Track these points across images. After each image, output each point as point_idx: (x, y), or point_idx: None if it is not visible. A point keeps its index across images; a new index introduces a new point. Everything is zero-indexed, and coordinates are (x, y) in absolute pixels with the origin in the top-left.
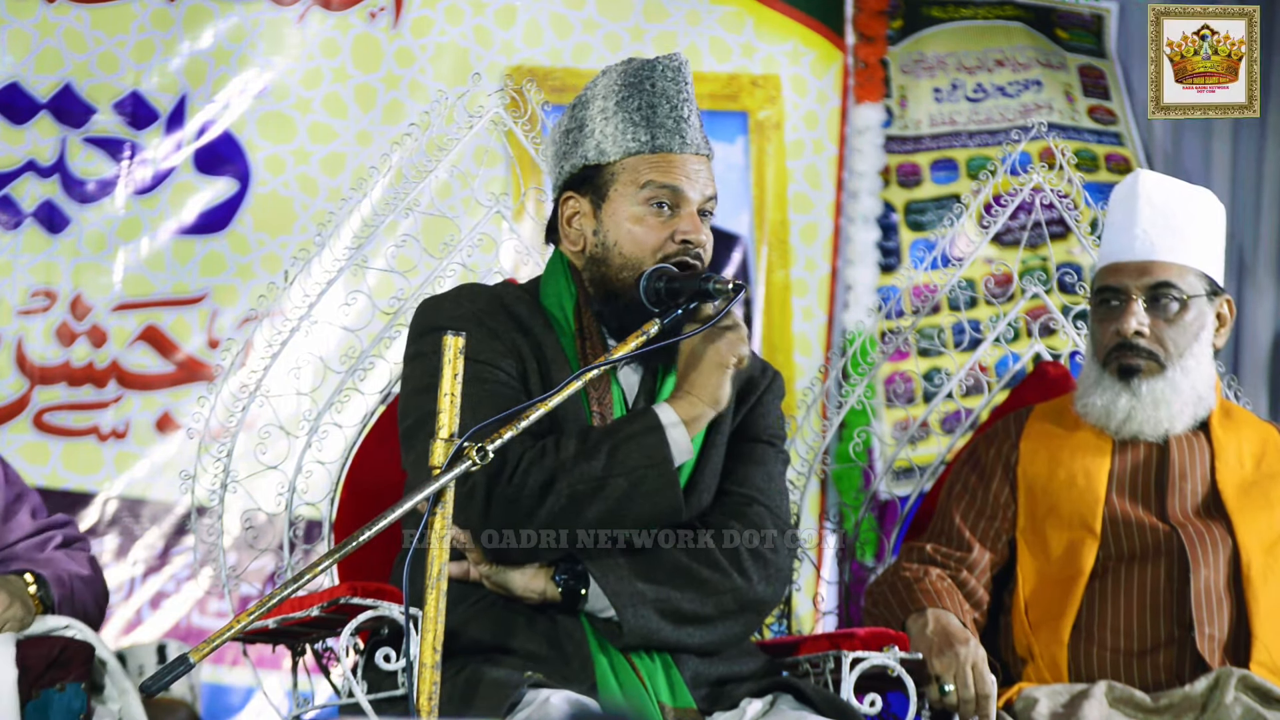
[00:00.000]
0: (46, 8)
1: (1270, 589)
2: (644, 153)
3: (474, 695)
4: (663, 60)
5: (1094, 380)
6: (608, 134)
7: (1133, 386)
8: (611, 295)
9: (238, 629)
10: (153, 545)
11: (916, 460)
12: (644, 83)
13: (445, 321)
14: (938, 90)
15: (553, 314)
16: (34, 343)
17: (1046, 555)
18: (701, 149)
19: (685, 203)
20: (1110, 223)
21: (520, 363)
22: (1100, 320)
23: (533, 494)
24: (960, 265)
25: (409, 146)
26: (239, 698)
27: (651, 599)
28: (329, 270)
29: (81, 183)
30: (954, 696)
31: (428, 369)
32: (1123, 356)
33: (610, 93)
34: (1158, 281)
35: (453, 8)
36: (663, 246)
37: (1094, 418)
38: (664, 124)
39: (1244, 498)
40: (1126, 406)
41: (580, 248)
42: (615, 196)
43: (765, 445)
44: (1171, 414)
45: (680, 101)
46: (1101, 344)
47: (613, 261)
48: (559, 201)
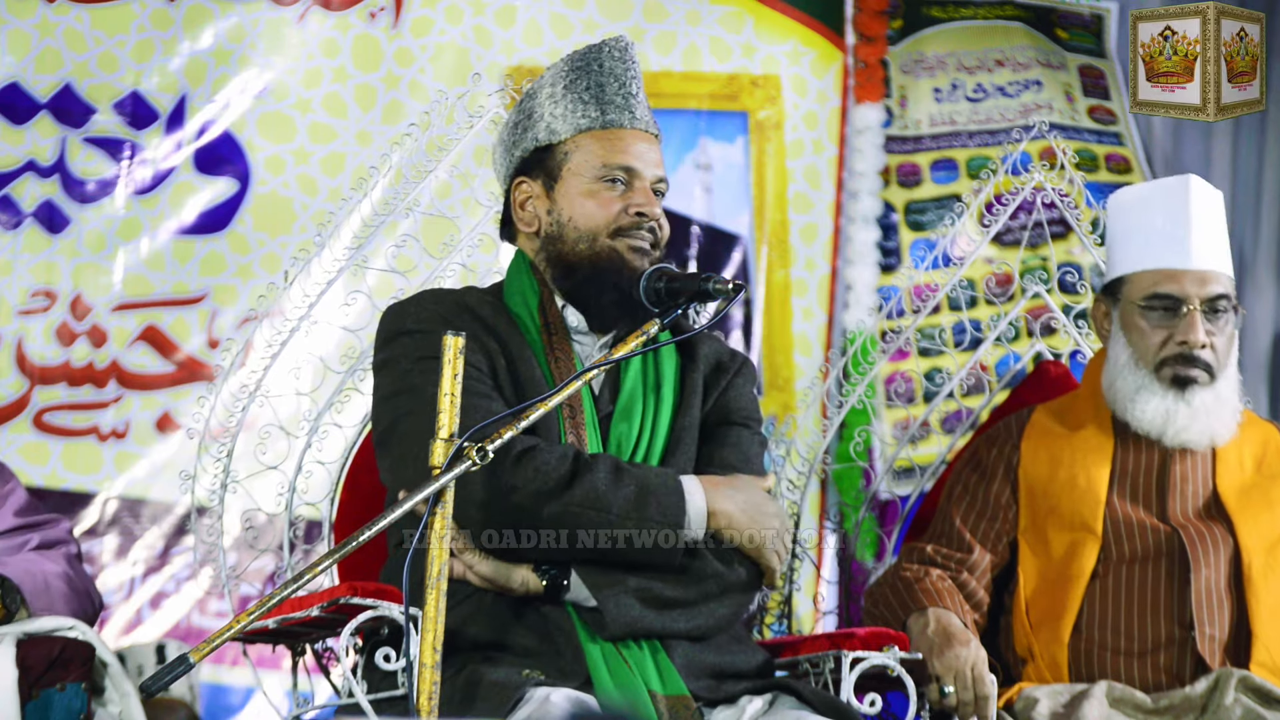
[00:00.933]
0: (46, 8)
1: (1271, 589)
2: (594, 129)
3: (475, 696)
4: (608, 42)
5: (1139, 386)
6: (558, 115)
7: (1187, 397)
8: (569, 270)
9: (238, 629)
10: (153, 545)
11: (917, 460)
12: (591, 65)
13: (411, 325)
14: (938, 90)
15: (517, 313)
16: (34, 343)
17: (1047, 556)
18: (650, 128)
19: (639, 178)
20: (1152, 227)
21: (489, 360)
22: (1154, 326)
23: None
24: (961, 265)
25: (409, 146)
26: (239, 698)
27: (632, 587)
28: (329, 270)
29: (81, 183)
30: (954, 698)
31: (396, 373)
32: (1181, 366)
33: (558, 79)
34: (1217, 293)
35: (453, 8)
36: (617, 219)
37: (1145, 426)
38: (613, 100)
39: (1244, 499)
40: (1186, 417)
41: (535, 229)
42: (568, 175)
43: (739, 427)
44: (1222, 425)
45: (628, 79)
46: (1153, 350)
47: (567, 237)
48: (510, 190)
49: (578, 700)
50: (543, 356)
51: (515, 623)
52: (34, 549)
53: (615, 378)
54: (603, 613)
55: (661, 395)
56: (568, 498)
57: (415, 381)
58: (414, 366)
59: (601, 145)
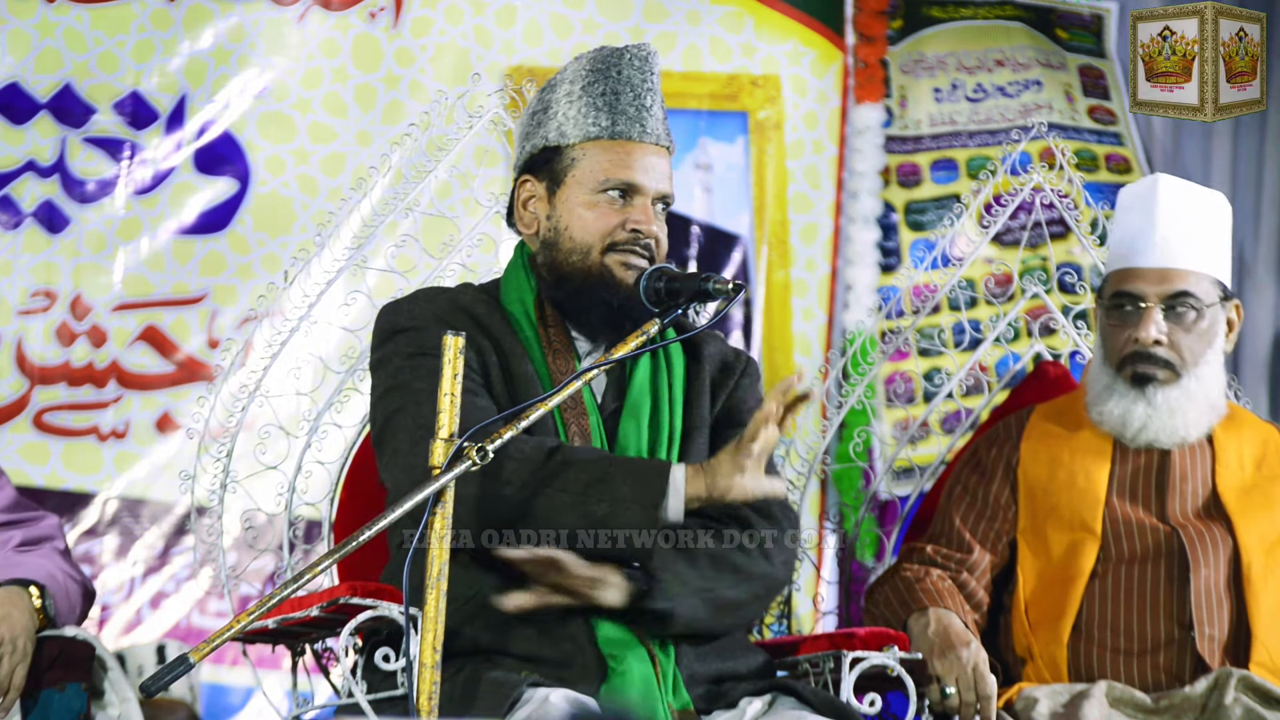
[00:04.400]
0: (46, 8)
1: (1271, 589)
2: (603, 138)
3: (474, 695)
4: (631, 49)
5: (1106, 386)
6: (569, 116)
7: (1148, 395)
8: (561, 280)
9: (238, 629)
10: (153, 545)
11: (916, 460)
12: (610, 69)
13: (404, 322)
14: (938, 90)
15: (512, 311)
16: (34, 343)
17: (1047, 556)
18: (662, 140)
19: (640, 193)
20: (1123, 225)
21: (481, 360)
22: (1115, 325)
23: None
24: (960, 265)
25: (409, 146)
26: (239, 698)
27: (697, 587)
28: (329, 270)
29: (81, 183)
30: (956, 698)
31: (389, 371)
32: (1139, 364)
33: (577, 77)
34: (1177, 290)
35: (453, 8)
36: (612, 233)
37: (1109, 425)
38: (625, 110)
39: (1244, 499)
40: (1143, 415)
41: (534, 231)
42: (571, 183)
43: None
44: (1187, 422)
45: (644, 90)
46: (1116, 350)
47: (562, 245)
48: (516, 184)
49: (576, 700)
50: (539, 353)
51: (519, 627)
52: (16, 546)
53: (621, 376)
54: (671, 613)
55: (672, 395)
56: (543, 473)
57: (406, 378)
58: (406, 364)
59: (607, 156)
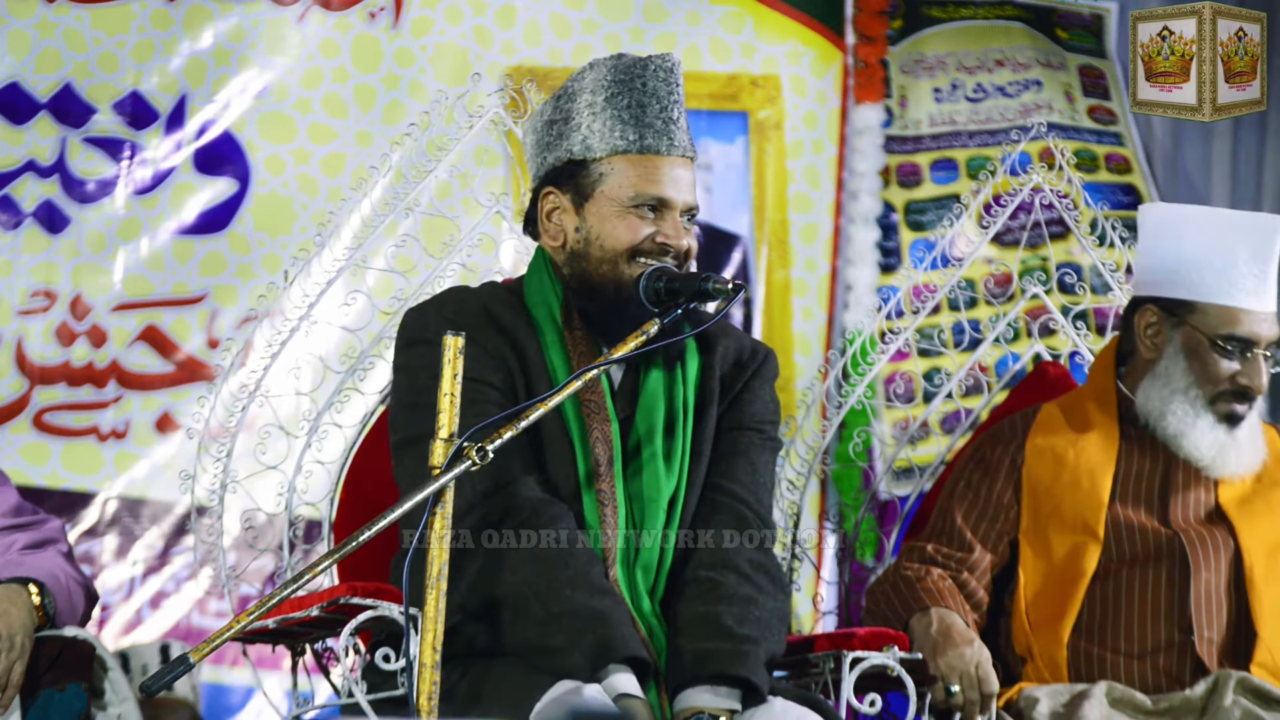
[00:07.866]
0: (46, 8)
1: (1274, 590)
2: (631, 152)
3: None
4: (655, 60)
5: (1191, 414)
6: (595, 130)
7: (1234, 432)
8: (592, 290)
9: (238, 629)
10: (153, 545)
11: (916, 460)
12: (635, 80)
13: (432, 335)
14: (938, 90)
15: (537, 314)
16: (34, 343)
17: (1049, 557)
18: (688, 151)
19: (670, 207)
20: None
21: (507, 369)
22: (1223, 361)
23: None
24: (960, 265)
25: (409, 146)
26: (239, 698)
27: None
28: (329, 270)
29: (81, 183)
30: (960, 698)
31: (415, 385)
32: (1237, 403)
33: (599, 87)
34: (1277, 339)
35: (453, 8)
36: (641, 244)
37: (1197, 457)
38: (653, 124)
39: (1246, 503)
40: (1235, 451)
41: (560, 243)
42: (600, 197)
43: (751, 433)
44: (1255, 451)
45: (670, 103)
46: (1213, 381)
47: (592, 255)
48: (538, 195)
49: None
50: (563, 359)
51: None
52: (21, 549)
53: (635, 378)
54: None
55: (686, 400)
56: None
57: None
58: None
59: (636, 171)
